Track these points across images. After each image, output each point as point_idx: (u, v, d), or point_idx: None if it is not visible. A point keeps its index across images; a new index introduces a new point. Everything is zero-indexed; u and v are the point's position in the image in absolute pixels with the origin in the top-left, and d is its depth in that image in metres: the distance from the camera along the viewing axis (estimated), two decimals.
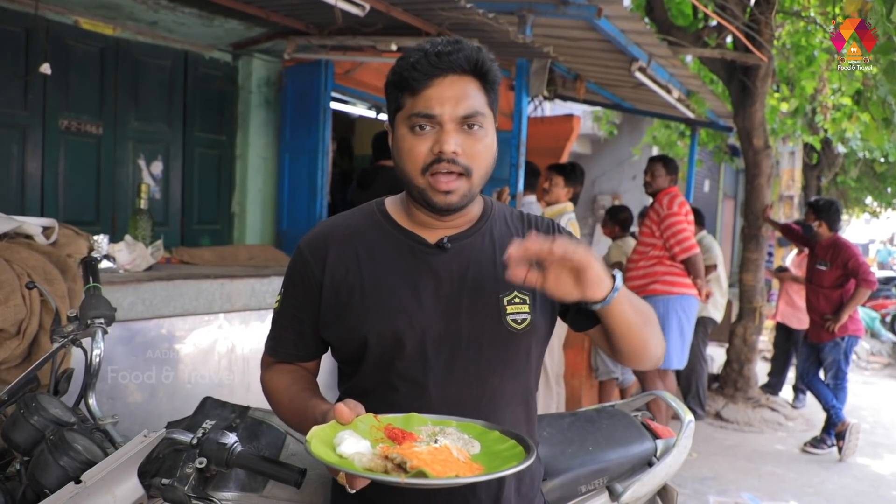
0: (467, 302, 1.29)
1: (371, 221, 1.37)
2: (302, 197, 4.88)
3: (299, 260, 1.36)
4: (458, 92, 1.23)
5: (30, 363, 2.02)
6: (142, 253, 2.97)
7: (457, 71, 1.23)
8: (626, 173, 11.35)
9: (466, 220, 1.35)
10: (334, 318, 1.31)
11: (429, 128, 1.23)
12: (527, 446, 1.10)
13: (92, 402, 1.47)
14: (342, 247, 1.33)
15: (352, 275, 1.30)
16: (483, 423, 1.19)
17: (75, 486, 1.15)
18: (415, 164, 1.24)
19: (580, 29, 4.25)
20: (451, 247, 1.32)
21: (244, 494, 1.41)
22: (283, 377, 1.37)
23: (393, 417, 1.15)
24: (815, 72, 6.95)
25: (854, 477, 4.93)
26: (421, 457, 0.99)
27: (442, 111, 1.21)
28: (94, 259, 1.68)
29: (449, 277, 1.30)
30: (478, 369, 1.28)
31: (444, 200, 1.25)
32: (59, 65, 3.90)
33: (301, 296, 1.35)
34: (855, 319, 5.45)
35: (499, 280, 1.30)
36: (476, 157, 1.25)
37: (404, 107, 1.25)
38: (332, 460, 0.99)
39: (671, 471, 2.01)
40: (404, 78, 1.24)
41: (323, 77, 4.70)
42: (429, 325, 1.27)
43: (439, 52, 1.22)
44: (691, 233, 4.78)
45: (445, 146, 1.21)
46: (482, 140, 1.25)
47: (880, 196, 15.13)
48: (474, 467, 1.03)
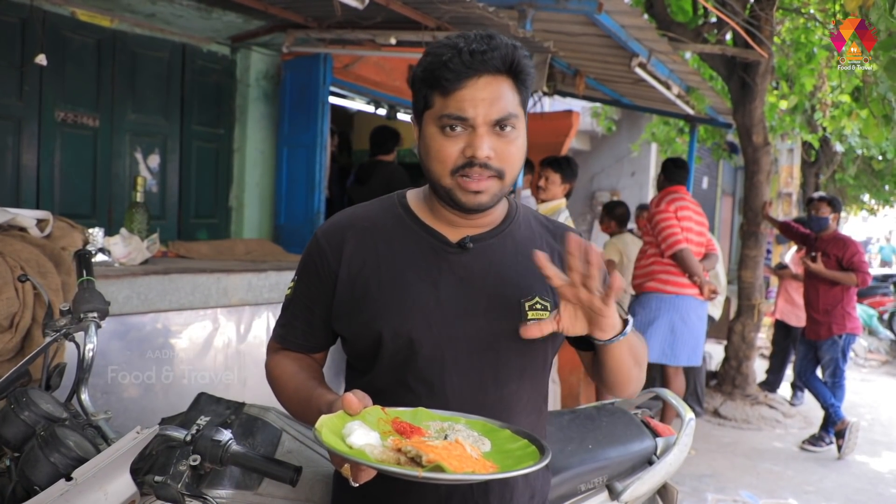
0: (487, 304, 1.25)
1: (391, 215, 1.33)
2: (300, 191, 4.86)
3: (315, 248, 1.32)
4: (492, 94, 1.17)
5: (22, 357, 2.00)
6: (137, 246, 2.94)
7: (491, 71, 1.18)
8: (625, 170, 11.33)
9: (491, 220, 1.32)
10: (348, 312, 1.28)
11: (460, 129, 1.18)
12: (540, 446, 1.07)
13: (84, 397, 1.44)
14: (360, 238, 1.29)
15: (369, 268, 1.27)
16: (492, 422, 1.15)
17: (66, 484, 1.12)
18: (444, 166, 1.20)
19: (580, 24, 4.22)
20: (474, 247, 1.28)
21: (238, 492, 1.39)
22: (289, 363, 1.34)
23: (401, 411, 1.12)
24: (814, 69, 6.94)
25: (852, 475, 4.93)
26: (436, 451, 0.95)
27: (475, 114, 1.17)
28: (88, 252, 1.65)
29: (469, 278, 1.26)
30: (495, 374, 1.26)
31: (475, 200, 1.21)
32: (55, 56, 3.86)
33: (314, 285, 1.31)
34: (853, 317, 5.44)
35: (521, 284, 1.27)
36: (508, 158, 1.21)
37: (434, 105, 1.20)
38: (344, 451, 0.96)
39: (671, 469, 1.99)
40: (436, 77, 1.18)
41: (322, 71, 4.67)
42: (446, 326, 1.24)
43: (473, 51, 1.16)
44: (678, 229, 4.79)
45: (479, 151, 1.17)
46: (514, 142, 1.21)
47: (878, 194, 15.14)
48: (488, 465, 0.99)
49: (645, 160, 11.06)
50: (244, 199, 5.04)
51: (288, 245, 4.50)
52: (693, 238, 4.87)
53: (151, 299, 2.69)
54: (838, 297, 5.37)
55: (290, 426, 1.57)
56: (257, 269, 3.17)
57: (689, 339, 4.91)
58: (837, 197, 5.78)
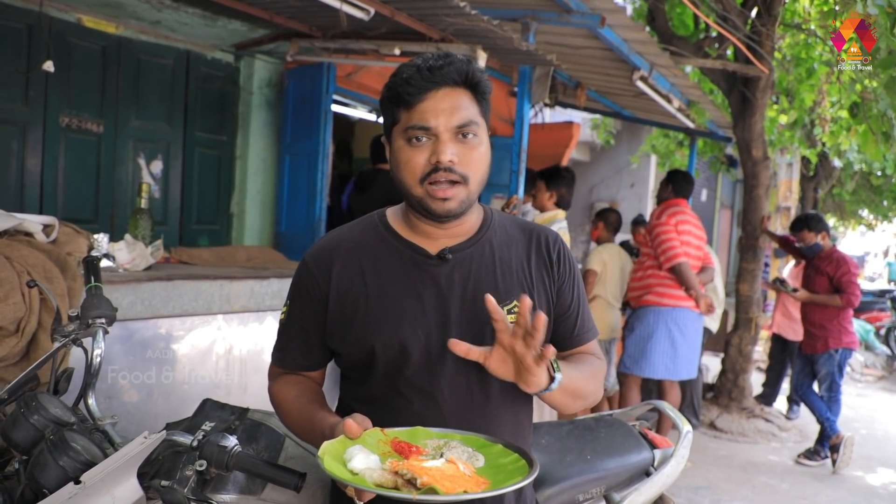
0: (469, 311, 1.33)
1: (374, 233, 1.41)
2: (301, 199, 4.88)
3: (305, 272, 1.39)
4: (451, 104, 1.27)
5: (28, 361, 2.02)
6: (141, 252, 2.96)
7: (449, 84, 1.28)
8: (625, 181, 11.37)
9: (466, 229, 1.39)
10: (340, 329, 1.35)
11: (425, 139, 1.27)
12: (529, 460, 1.13)
13: (91, 402, 1.46)
14: (347, 259, 1.37)
15: (357, 286, 1.34)
16: (486, 437, 1.22)
17: (75, 487, 1.14)
18: (413, 175, 1.29)
19: (583, 37, 4.26)
20: (452, 257, 1.36)
21: (243, 497, 1.41)
22: (290, 389, 1.40)
23: (399, 431, 1.19)
24: (814, 84, 6.98)
25: (847, 489, 4.94)
26: (430, 473, 1.03)
27: (437, 122, 1.26)
28: (96, 258, 1.67)
29: (450, 287, 1.34)
30: (480, 376, 1.30)
31: (443, 207, 1.29)
32: (60, 62, 3.89)
33: (307, 307, 1.39)
34: (849, 332, 5.46)
35: (499, 290, 1.34)
36: (472, 164, 1.29)
37: (400, 120, 1.30)
38: (346, 477, 1.03)
39: (668, 481, 2.01)
40: (398, 93, 1.28)
41: (325, 80, 4.70)
42: (432, 334, 1.31)
43: (431, 67, 1.27)
44: (677, 243, 4.80)
45: (442, 156, 1.25)
46: (477, 148, 1.30)
47: (876, 209, 15.19)
48: (480, 481, 1.06)
49: (644, 172, 11.10)
50: (245, 205, 5.07)
51: (289, 252, 4.51)
52: (692, 252, 4.89)
53: (155, 305, 2.71)
54: (835, 311, 5.39)
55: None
56: (259, 276, 3.19)
57: (688, 352, 4.94)
58: (816, 214, 5.80)
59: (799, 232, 5.67)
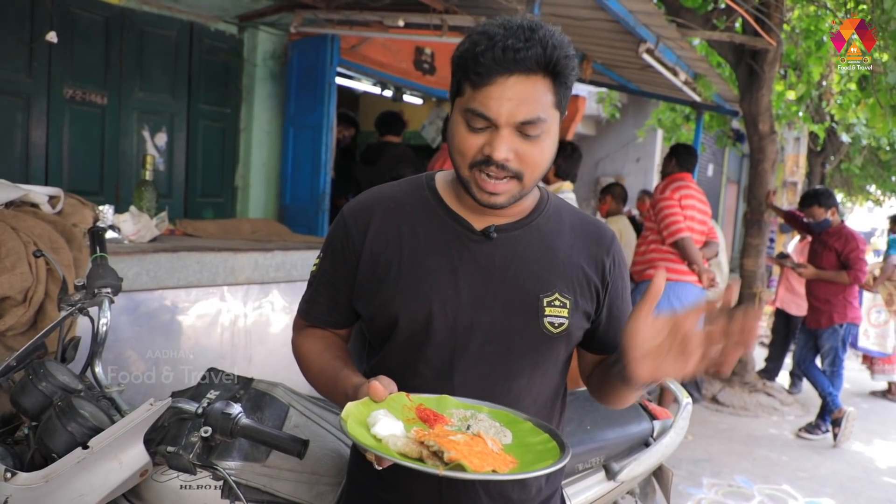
0: (504, 296, 1.23)
1: (418, 197, 1.30)
2: (305, 172, 4.88)
3: (341, 226, 1.31)
4: (521, 94, 1.11)
5: (35, 330, 2.04)
6: (146, 224, 2.98)
7: (523, 70, 1.11)
8: (630, 155, 11.32)
9: (519, 210, 1.28)
10: (368, 292, 1.27)
11: (483, 125, 1.14)
12: (561, 443, 1.05)
13: (98, 370, 1.48)
14: (386, 219, 1.28)
15: (391, 250, 1.25)
16: (515, 413, 1.15)
17: (83, 452, 1.17)
18: (464, 158, 1.17)
19: (589, 8, 4.21)
20: (497, 237, 1.25)
21: (247, 464, 1.43)
22: (315, 342, 1.34)
23: (425, 398, 1.13)
24: (822, 57, 6.91)
25: (846, 462, 4.98)
26: (458, 447, 0.96)
27: (499, 114, 1.11)
28: (101, 229, 1.68)
29: (489, 268, 1.24)
30: (506, 366, 1.24)
31: (489, 200, 1.18)
32: (64, 33, 3.88)
33: (339, 263, 1.31)
34: (854, 307, 5.47)
35: (541, 279, 1.25)
36: (530, 161, 1.16)
37: (464, 94, 1.16)
38: (370, 444, 0.97)
39: (667, 451, 2.04)
40: (467, 67, 1.13)
41: (329, 52, 4.67)
42: (461, 314, 1.22)
43: (507, 48, 1.09)
44: (681, 217, 4.80)
45: (496, 152, 1.13)
46: (539, 144, 1.16)
47: (884, 184, 15.10)
48: (508, 460, 1.00)
49: (650, 146, 11.05)
50: (250, 178, 5.07)
51: (293, 225, 4.53)
52: (695, 227, 4.89)
53: (160, 276, 2.72)
54: (841, 286, 5.40)
55: (297, 402, 1.61)
56: (264, 249, 3.20)
57: None
58: (826, 189, 5.77)
59: (809, 207, 5.65)
